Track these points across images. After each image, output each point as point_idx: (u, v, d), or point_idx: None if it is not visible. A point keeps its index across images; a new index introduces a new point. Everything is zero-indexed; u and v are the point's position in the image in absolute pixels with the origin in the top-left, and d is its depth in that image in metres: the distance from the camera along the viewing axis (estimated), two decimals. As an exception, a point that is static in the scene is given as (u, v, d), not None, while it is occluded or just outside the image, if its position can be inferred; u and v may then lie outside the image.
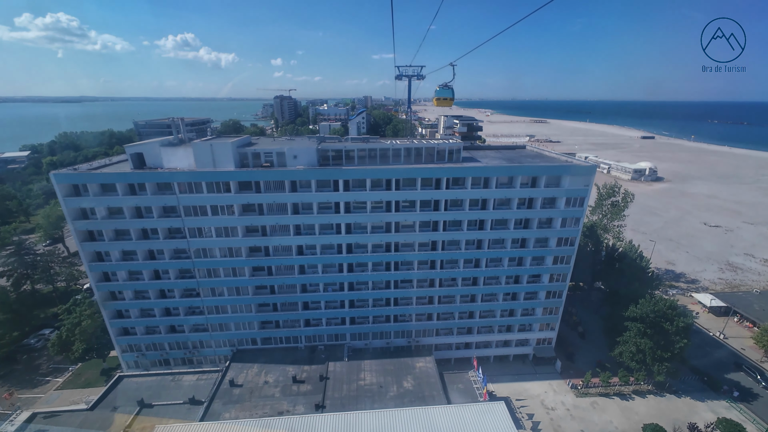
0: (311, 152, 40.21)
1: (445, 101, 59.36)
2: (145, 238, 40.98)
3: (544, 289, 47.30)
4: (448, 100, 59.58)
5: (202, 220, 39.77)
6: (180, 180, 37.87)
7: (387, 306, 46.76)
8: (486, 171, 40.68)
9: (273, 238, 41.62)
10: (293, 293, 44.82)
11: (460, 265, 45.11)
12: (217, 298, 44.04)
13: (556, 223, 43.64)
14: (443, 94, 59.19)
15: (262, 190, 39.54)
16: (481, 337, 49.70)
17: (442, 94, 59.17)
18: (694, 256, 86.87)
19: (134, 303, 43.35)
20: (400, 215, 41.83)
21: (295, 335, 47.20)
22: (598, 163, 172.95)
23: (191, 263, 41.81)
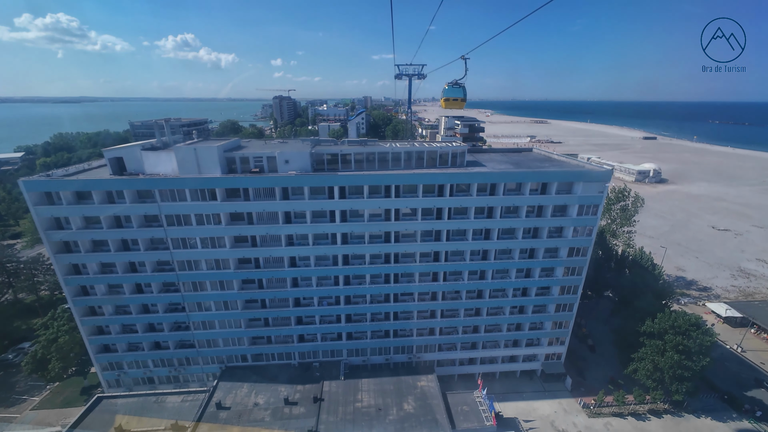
0: (304, 157, 37.25)
1: (455, 102, 47.93)
2: (126, 249, 38.00)
3: (553, 302, 44.35)
4: (459, 101, 47.97)
5: (187, 230, 36.78)
6: (161, 187, 34.88)
7: (386, 320, 43.75)
8: (493, 177, 37.71)
9: (263, 249, 38.64)
10: (285, 307, 41.81)
11: (464, 277, 42.15)
12: (203, 313, 41.03)
13: (568, 232, 40.70)
14: (453, 94, 47.69)
15: (251, 198, 36.55)
16: (486, 352, 46.72)
17: (452, 93, 47.69)
18: (704, 261, 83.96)
19: (114, 318, 40.33)
20: (400, 224, 38.88)
21: (288, 351, 44.19)
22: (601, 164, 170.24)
23: (175, 276, 38.79)
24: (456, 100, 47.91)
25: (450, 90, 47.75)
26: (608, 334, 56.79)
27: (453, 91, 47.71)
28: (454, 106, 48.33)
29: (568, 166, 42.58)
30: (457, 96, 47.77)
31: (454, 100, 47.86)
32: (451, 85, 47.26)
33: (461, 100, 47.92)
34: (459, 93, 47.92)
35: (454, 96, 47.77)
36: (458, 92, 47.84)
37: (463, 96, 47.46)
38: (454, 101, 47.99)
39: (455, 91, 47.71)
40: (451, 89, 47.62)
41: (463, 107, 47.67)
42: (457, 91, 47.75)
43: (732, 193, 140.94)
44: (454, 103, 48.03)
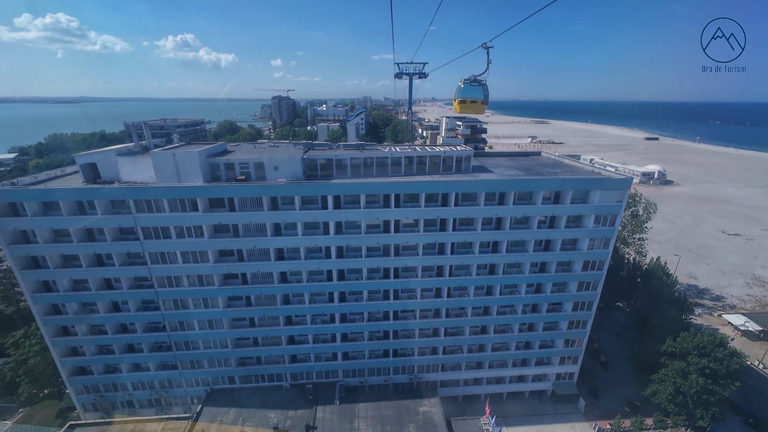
0: (295, 163, 33.93)
1: (473, 105, 35.55)
2: (100, 264, 34.65)
3: (566, 319, 41.04)
4: (479, 104, 35.61)
5: (165, 243, 33.43)
6: (136, 197, 31.53)
7: (385, 339, 40.42)
8: (503, 185, 34.38)
9: (251, 264, 35.32)
10: (276, 326, 38.47)
11: (470, 293, 38.84)
12: (186, 333, 37.67)
13: (583, 244, 37.40)
14: (471, 94, 35.34)
15: (236, 208, 33.25)
16: (493, 372, 43.40)
17: (469, 93, 35.33)
18: (716, 268, 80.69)
19: (89, 339, 36.97)
20: (400, 236, 35.54)
21: (278, 373, 40.86)
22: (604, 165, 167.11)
23: (154, 293, 35.44)
24: (475, 102, 34.92)
25: (467, 89, 34.86)
26: (621, 348, 53.61)
27: (470, 90, 34.85)
28: (471, 110, 35.48)
29: (583, 172, 39.28)
30: (475, 97, 34.80)
31: (472, 102, 34.92)
32: (468, 82, 34.33)
33: (481, 102, 34.81)
34: (478, 93, 34.75)
35: (471, 97, 34.98)
36: (477, 92, 34.72)
37: (484, 97, 34.38)
38: (473, 103, 35.08)
39: (473, 90, 34.81)
40: (468, 88, 34.82)
41: (483, 111, 34.49)
42: (476, 91, 34.68)
43: (739, 195, 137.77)
44: (473, 106, 35.08)
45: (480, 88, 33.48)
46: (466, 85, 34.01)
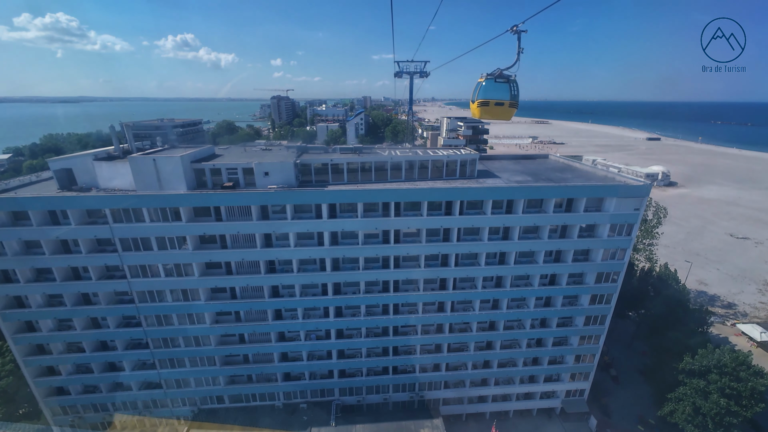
0: (287, 168, 31.34)
1: (499, 110, 23.80)
2: (76, 278, 32.05)
3: (577, 334, 38.53)
4: (506, 107, 23.82)
5: (146, 255, 30.83)
6: (112, 206, 28.93)
7: (384, 356, 37.90)
8: (512, 192, 31.82)
9: (240, 278, 32.75)
10: (267, 342, 35.90)
11: (475, 307, 36.29)
12: (171, 350, 35.09)
13: (596, 255, 34.86)
14: (495, 95, 23.44)
15: (223, 218, 30.69)
16: (499, 389, 40.88)
17: (494, 93, 23.33)
18: (726, 273, 78.18)
19: (65, 357, 34.38)
20: (400, 247, 32.98)
21: (271, 392, 38.30)
22: (606, 166, 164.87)
23: (135, 309, 32.86)
24: (501, 106, 23.45)
25: (490, 88, 23.25)
26: (632, 361, 51.14)
27: (495, 89, 23.21)
28: (496, 116, 23.63)
29: (596, 177, 36.74)
30: (500, 98, 23.34)
31: (497, 105, 23.38)
32: (491, 78, 23.09)
33: (509, 105, 23.37)
34: (504, 93, 23.27)
35: (496, 98, 23.39)
36: (503, 91, 23.26)
37: (512, 97, 23.14)
38: (498, 107, 23.50)
39: (498, 89, 23.22)
40: (491, 86, 23.23)
41: (511, 117, 23.26)
42: (502, 90, 23.22)
43: (745, 197, 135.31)
44: (497, 110, 23.38)
45: (507, 86, 21.92)
46: (489, 82, 21.90)
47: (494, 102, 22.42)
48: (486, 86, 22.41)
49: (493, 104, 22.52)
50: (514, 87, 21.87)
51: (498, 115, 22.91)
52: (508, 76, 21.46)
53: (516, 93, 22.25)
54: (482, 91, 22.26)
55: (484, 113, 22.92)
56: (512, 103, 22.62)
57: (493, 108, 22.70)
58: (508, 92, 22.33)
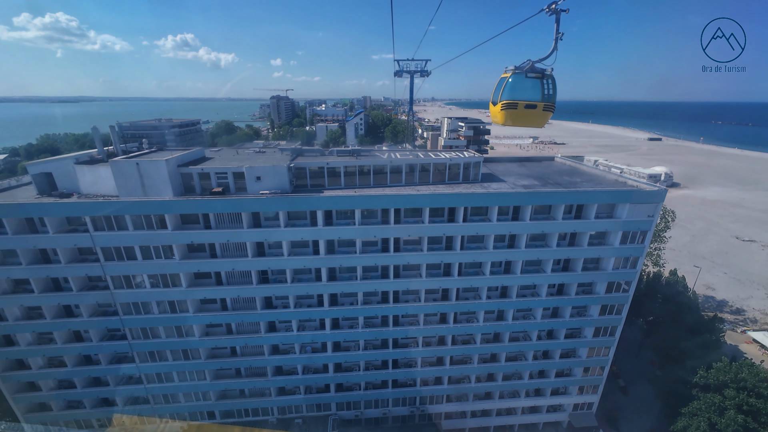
0: (280, 172, 29.49)
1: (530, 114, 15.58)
2: (56, 289, 30.21)
3: (586, 346, 36.72)
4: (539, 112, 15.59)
5: (130, 265, 28.97)
6: (92, 213, 27.08)
7: (384, 369, 36.06)
8: (519, 198, 29.97)
9: (230, 288, 30.90)
10: (260, 355, 34.07)
11: (479, 318, 34.48)
12: (158, 364, 33.26)
13: (607, 264, 33.06)
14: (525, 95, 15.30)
15: (212, 225, 28.83)
16: (503, 402, 39.07)
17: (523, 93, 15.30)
18: (733, 278, 76.44)
19: (46, 372, 32.51)
20: (400, 256, 31.15)
21: (264, 406, 36.48)
22: (608, 167, 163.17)
23: (119, 321, 31.00)
24: (532, 108, 15.91)
25: (518, 85, 15.82)
26: (641, 370, 49.36)
27: (524, 86, 15.79)
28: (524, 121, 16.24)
29: (606, 181, 34.92)
30: (532, 98, 15.92)
31: (528, 108, 15.94)
32: (520, 72, 15.74)
33: (543, 108, 15.96)
34: (536, 91, 15.88)
35: (527, 98, 15.95)
36: (534, 89, 15.91)
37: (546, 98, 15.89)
38: (528, 110, 16.00)
39: (529, 87, 15.84)
40: (519, 82, 15.80)
41: (544, 124, 16.33)
42: (533, 88, 15.89)
43: (749, 198, 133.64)
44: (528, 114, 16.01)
45: (540, 84, 15.73)
46: (517, 78, 15.78)
47: (524, 104, 15.65)
48: (513, 83, 15.55)
49: (522, 107, 15.70)
50: (550, 84, 15.50)
51: (528, 120, 16.20)
52: (542, 70, 15.26)
53: (552, 92, 15.71)
54: (508, 90, 15.45)
55: (510, 118, 16.05)
56: (547, 106, 15.94)
57: (523, 112, 15.86)
58: (537, 91, 15.73)
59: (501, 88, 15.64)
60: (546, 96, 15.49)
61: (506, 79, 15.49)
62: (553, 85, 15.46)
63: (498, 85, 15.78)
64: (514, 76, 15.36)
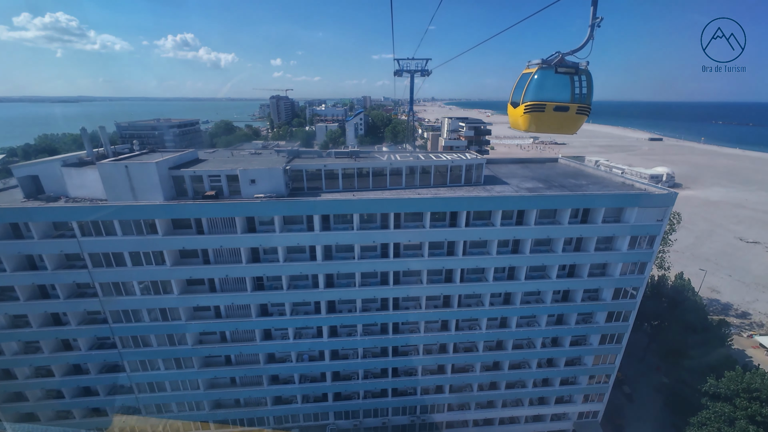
0: (276, 175, 28.38)
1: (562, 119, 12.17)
2: (43, 296, 29.10)
3: (591, 354, 35.63)
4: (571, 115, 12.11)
5: (119, 272, 27.86)
6: (79, 218, 25.98)
7: (383, 377, 34.96)
8: (524, 202, 28.86)
9: (224, 296, 29.78)
10: (255, 364, 32.96)
11: (482, 326, 33.37)
12: (149, 373, 32.15)
13: (614, 269, 31.96)
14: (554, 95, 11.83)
15: (205, 230, 27.73)
16: (506, 411, 37.99)
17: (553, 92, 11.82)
18: (738, 280, 75.38)
19: (33, 383, 31.40)
20: (400, 262, 30.05)
21: (260, 416, 35.38)
22: (609, 167, 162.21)
23: (109, 330, 29.89)
24: (564, 111, 12.14)
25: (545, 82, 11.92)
26: (647, 376, 48.26)
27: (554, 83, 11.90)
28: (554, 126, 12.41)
29: (612, 184, 33.83)
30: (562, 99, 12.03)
31: (558, 110, 12.07)
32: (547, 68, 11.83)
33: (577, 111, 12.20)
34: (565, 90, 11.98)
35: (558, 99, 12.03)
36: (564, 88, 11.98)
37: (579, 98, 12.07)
38: (559, 113, 12.16)
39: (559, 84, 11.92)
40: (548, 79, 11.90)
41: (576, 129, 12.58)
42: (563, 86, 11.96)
43: (752, 199, 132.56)
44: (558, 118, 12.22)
45: (566, 81, 12.09)
46: (544, 74, 12.18)
47: (554, 105, 12.15)
48: (540, 80, 12.05)
49: (551, 109, 12.21)
50: (585, 81, 12.15)
51: (558, 125, 12.65)
52: (575, 65, 11.86)
53: (588, 91, 12.28)
54: (534, 89, 12.09)
55: (535, 123, 12.54)
56: (582, 108, 12.40)
57: (552, 116, 12.36)
58: (568, 91, 12.26)
59: (524, 87, 12.27)
60: (579, 96, 12.22)
61: (530, 75, 12.13)
62: (588, 83, 12.32)
63: (519, 84, 12.54)
64: (540, 72, 11.96)
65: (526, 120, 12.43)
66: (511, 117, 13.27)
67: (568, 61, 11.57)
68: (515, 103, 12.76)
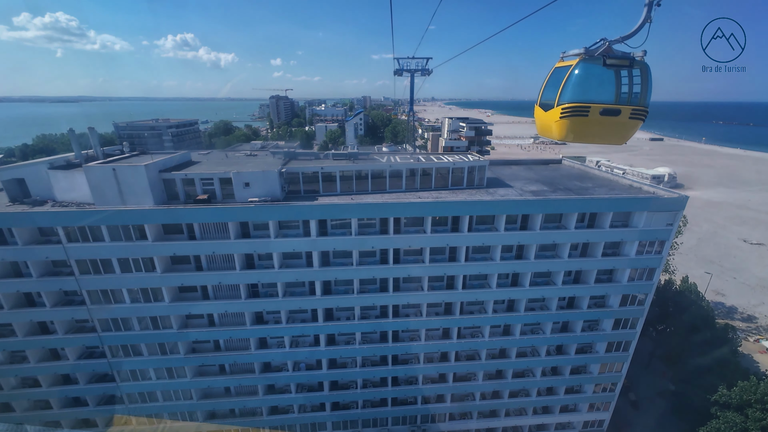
0: (271, 177, 27.27)
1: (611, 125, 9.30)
2: (29, 304, 27.99)
3: (597, 362, 34.53)
4: (623, 120, 9.24)
5: (107, 279, 26.75)
6: (64, 223, 24.88)
7: (383, 387, 33.86)
8: (529, 206, 27.76)
9: (217, 303, 28.67)
10: (250, 373, 31.86)
11: (484, 333, 32.27)
12: (140, 383, 31.05)
13: (622, 275, 30.86)
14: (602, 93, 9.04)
15: (197, 236, 26.63)
16: (509, 420, 36.89)
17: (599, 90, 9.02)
18: (743, 283, 74.28)
19: (20, 393, 30.30)
20: (401, 268, 28.97)
21: (255, 426, 34.24)
22: (611, 168, 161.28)
23: (97, 339, 28.78)
24: (614, 116, 9.16)
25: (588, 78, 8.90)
26: (652, 383, 47.18)
27: (601, 79, 8.93)
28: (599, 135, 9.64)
29: (619, 187, 32.71)
30: (610, 99, 9.17)
31: (605, 113, 9.15)
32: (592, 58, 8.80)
33: (633, 113, 9.30)
34: (616, 88, 9.17)
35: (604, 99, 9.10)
36: (614, 85, 9.13)
37: (629, 97, 9.26)
38: (608, 117, 9.16)
39: (606, 80, 9.01)
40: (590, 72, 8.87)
41: (627, 139, 10.01)
42: (612, 83, 9.10)
43: (755, 199, 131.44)
44: (606, 124, 9.29)
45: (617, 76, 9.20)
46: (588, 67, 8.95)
47: (600, 108, 9.15)
48: (583, 75, 9.05)
49: (597, 112, 9.20)
50: (640, 77, 9.29)
51: (605, 133, 9.65)
52: (628, 56, 8.92)
53: (644, 89, 9.39)
54: (574, 86, 9.12)
55: (574, 131, 9.51)
56: (637, 111, 9.42)
57: (598, 121, 9.29)
58: (626, 87, 9.31)
59: (559, 85, 9.12)
60: (633, 95, 9.16)
61: (569, 69, 8.97)
62: (644, 78, 9.11)
63: (552, 80, 9.55)
64: (583, 65, 8.79)
65: (562, 126, 9.40)
66: (541, 122, 10.27)
67: (617, 50, 8.67)
68: (546, 105, 9.74)
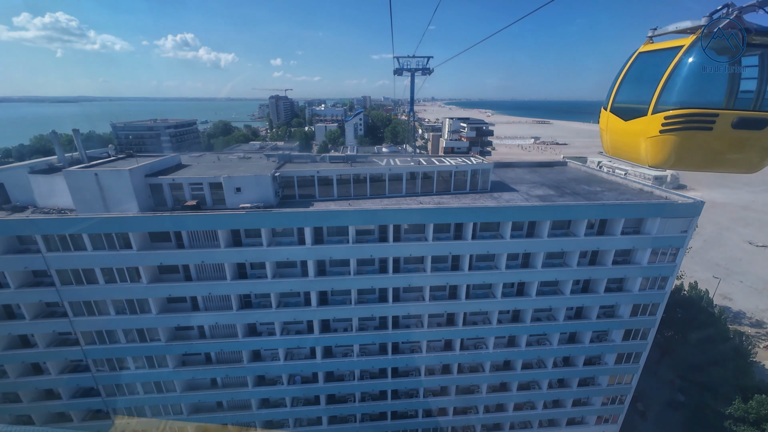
0: (263, 182, 25.82)
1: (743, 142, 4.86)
2: (8, 317, 26.49)
3: (606, 374, 33.06)
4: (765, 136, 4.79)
5: (90, 290, 25.27)
6: (42, 231, 23.39)
7: (382, 400, 32.38)
8: (536, 212, 26.24)
9: (208, 315, 27.19)
10: (243, 387, 30.38)
11: (488, 345, 30.80)
12: (127, 398, 29.56)
13: (633, 284, 29.39)
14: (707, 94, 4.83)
15: (185, 244, 25.17)
16: (514, 434, 35.43)
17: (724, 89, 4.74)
18: (750, 286, 72.82)
19: (1, 408, 28.87)
20: (400, 278, 27.47)
21: (249, 441, 32.80)
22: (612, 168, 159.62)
23: (81, 352, 27.31)
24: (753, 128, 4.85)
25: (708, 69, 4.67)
26: (660, 391, 45.74)
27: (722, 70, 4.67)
28: (715, 157, 5.19)
29: (630, 191, 31.24)
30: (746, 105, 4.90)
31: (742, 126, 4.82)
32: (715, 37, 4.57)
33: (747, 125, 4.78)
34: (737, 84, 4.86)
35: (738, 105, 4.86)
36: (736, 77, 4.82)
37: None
38: (741, 132, 4.82)
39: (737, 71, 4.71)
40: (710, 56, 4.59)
41: (762, 166, 5.08)
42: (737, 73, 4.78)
43: (759, 200, 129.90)
44: (733, 142, 4.94)
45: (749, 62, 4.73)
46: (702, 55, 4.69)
47: (735, 117, 4.95)
48: (702, 63, 4.89)
49: (728, 123, 4.96)
50: None
51: (738, 156, 5.35)
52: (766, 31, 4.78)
53: None
54: (687, 82, 5.05)
55: (685, 150, 5.32)
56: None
57: (728, 137, 5.07)
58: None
59: (659, 80, 5.37)
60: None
61: (677, 53, 5.21)
62: None
63: (635, 70, 6.16)
64: (697, 52, 4.97)
65: (664, 145, 5.43)
66: (616, 137, 6.53)
67: (751, 24, 4.78)
68: (627, 111, 6.09)
